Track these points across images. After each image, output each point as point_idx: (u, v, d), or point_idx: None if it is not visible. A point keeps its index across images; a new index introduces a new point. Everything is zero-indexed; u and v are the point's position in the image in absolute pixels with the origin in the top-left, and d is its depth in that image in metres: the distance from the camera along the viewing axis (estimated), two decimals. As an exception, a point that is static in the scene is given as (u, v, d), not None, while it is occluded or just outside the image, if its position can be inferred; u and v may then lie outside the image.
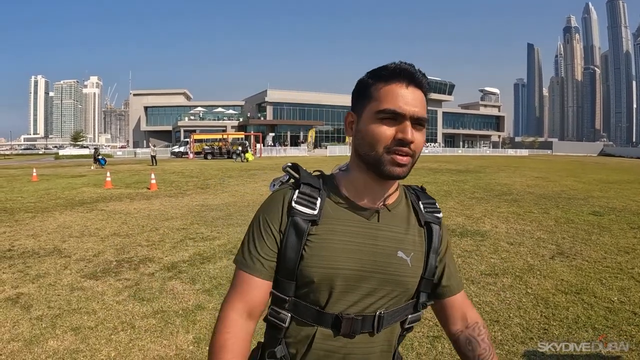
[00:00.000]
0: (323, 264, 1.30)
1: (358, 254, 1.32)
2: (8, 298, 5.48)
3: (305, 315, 1.34)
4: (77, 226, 9.97)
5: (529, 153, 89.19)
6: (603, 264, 6.81)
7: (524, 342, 4.23)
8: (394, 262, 1.34)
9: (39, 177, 22.87)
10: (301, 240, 1.31)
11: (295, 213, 1.34)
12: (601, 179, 22.74)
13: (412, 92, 1.28)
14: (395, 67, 1.30)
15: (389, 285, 1.34)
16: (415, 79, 1.29)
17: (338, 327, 1.31)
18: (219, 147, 52.91)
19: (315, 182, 1.40)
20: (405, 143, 1.26)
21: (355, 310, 1.32)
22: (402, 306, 1.39)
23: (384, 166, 1.28)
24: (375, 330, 1.33)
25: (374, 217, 1.37)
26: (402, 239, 1.38)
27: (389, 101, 1.27)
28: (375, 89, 1.30)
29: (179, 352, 4.12)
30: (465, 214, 11.22)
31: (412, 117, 1.26)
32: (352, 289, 1.32)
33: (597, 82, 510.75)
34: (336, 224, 1.34)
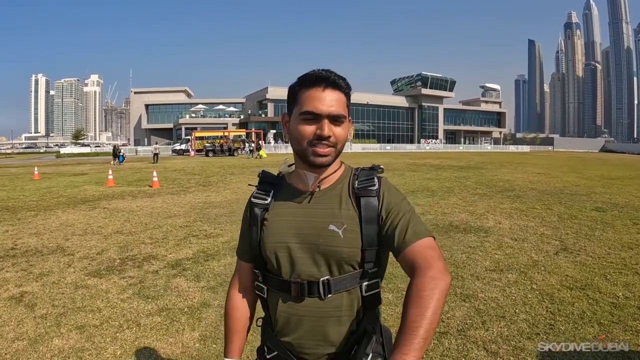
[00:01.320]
0: (271, 240, 1.61)
1: (295, 229, 1.58)
2: (12, 297, 5.47)
3: (272, 284, 1.64)
4: (79, 224, 9.97)
5: (530, 149, 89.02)
6: (607, 259, 6.79)
7: (530, 337, 4.21)
8: (325, 235, 1.55)
9: (40, 176, 22.89)
10: (257, 224, 1.67)
11: (254, 205, 1.70)
12: (603, 175, 22.67)
13: (329, 94, 1.53)
14: (313, 74, 1.56)
15: (324, 255, 1.55)
16: (330, 82, 1.54)
17: (289, 291, 1.58)
18: (220, 144, 52.86)
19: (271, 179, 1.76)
20: (323, 138, 1.52)
21: (303, 277, 1.56)
22: (348, 275, 1.56)
23: (309, 157, 1.55)
24: (322, 294, 1.54)
25: (307, 198, 1.63)
26: (335, 214, 1.58)
27: (308, 104, 1.53)
28: (300, 94, 1.57)
29: (185, 349, 4.11)
30: (469, 210, 11.20)
31: (328, 115, 1.52)
32: (297, 260, 1.57)
33: (598, 78, 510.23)
34: (281, 208, 1.65)
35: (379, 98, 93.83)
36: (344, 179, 1.67)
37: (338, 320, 1.56)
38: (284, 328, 1.61)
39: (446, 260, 6.75)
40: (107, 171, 21.15)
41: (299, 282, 1.56)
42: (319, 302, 1.55)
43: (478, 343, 4.11)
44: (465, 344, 4.10)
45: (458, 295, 5.34)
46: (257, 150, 46.99)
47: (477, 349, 4.00)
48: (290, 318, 1.59)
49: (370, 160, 30.12)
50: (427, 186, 16.91)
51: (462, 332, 4.37)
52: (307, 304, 1.56)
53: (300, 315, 1.57)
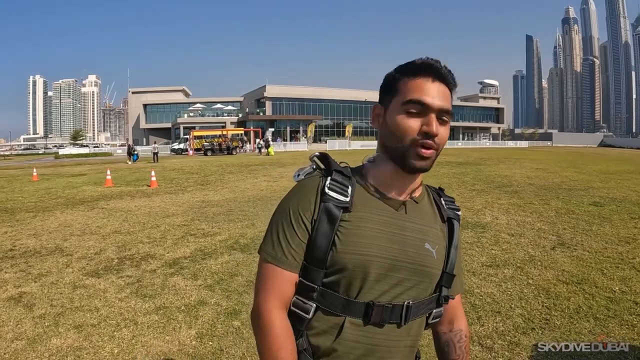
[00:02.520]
0: (357, 251, 1.29)
1: (389, 242, 1.32)
2: (11, 297, 5.49)
3: (333, 304, 1.32)
4: (78, 225, 9.98)
5: (528, 145, 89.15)
6: (604, 254, 6.82)
7: (525, 332, 4.24)
8: (421, 253, 1.36)
9: (39, 177, 22.86)
10: (333, 227, 1.31)
11: (328, 199, 1.33)
12: (601, 169, 22.72)
13: (438, 87, 1.31)
14: (422, 63, 1.33)
15: (417, 275, 1.35)
16: (440, 74, 1.32)
17: (368, 316, 1.30)
18: (218, 143, 52.85)
19: (345, 171, 1.40)
20: (431, 136, 1.28)
21: (385, 299, 1.32)
22: (428, 299, 1.40)
23: (409, 159, 1.30)
24: (403, 321, 1.33)
25: (401, 209, 1.39)
26: (428, 231, 1.40)
27: (415, 93, 1.29)
28: (403, 83, 1.33)
29: (182, 347, 4.13)
30: (466, 206, 11.22)
31: (438, 110, 1.29)
32: (384, 278, 1.31)
33: (597, 73, 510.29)
34: (367, 213, 1.34)
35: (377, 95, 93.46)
36: (425, 193, 1.51)
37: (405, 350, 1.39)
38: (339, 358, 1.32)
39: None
40: (105, 171, 21.13)
41: (384, 306, 1.30)
42: (396, 329, 1.34)
43: (473, 338, 4.14)
44: (460, 339, 4.12)
45: (454, 291, 5.35)
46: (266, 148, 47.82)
47: (472, 344, 4.01)
48: (357, 347, 1.31)
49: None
50: (425, 182, 16.82)
51: (458, 327, 4.38)
52: (385, 332, 1.33)
53: (372, 345, 1.32)
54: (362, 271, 1.29)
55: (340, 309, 1.31)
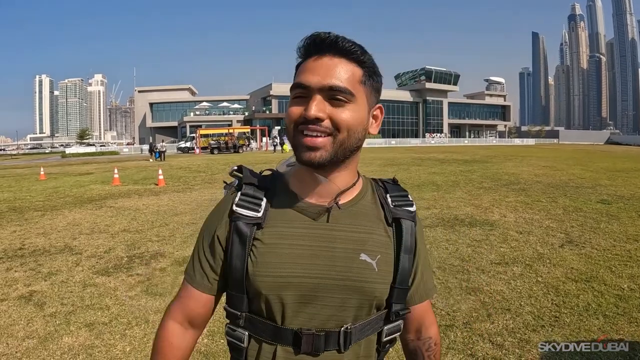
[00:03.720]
0: (270, 272, 1.14)
1: (311, 259, 1.16)
2: (21, 296, 5.53)
3: (262, 332, 1.19)
4: (86, 223, 10.02)
5: (535, 142, 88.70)
6: (612, 251, 6.80)
7: (535, 329, 4.24)
8: (355, 267, 1.17)
9: (46, 176, 22.92)
10: (245, 247, 1.17)
11: (237, 217, 1.19)
12: (608, 167, 22.60)
13: (328, 62, 1.11)
14: (307, 38, 1.14)
15: (352, 293, 1.17)
16: (326, 43, 1.11)
17: (299, 345, 1.15)
18: (225, 141, 52.87)
19: (260, 182, 1.25)
20: (309, 120, 1.08)
21: (316, 324, 1.16)
22: (373, 318, 1.23)
23: (298, 150, 1.12)
24: (342, 347, 1.17)
25: (323, 217, 1.20)
26: (365, 239, 1.20)
27: (298, 76, 1.14)
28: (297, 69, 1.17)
29: (193, 345, 4.14)
30: (474, 204, 11.21)
31: (321, 89, 1.09)
32: (309, 300, 1.16)
33: (603, 70, 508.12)
34: (284, 227, 1.18)
35: (383, 93, 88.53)
36: (366, 193, 1.29)
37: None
38: None
39: (452, 254, 6.80)
40: (112, 170, 21.17)
41: (314, 334, 1.15)
42: (337, 355, 1.18)
43: (484, 336, 4.14)
44: (470, 337, 4.13)
45: (464, 289, 5.36)
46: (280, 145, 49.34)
47: (482, 342, 4.02)
48: None
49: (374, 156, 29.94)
50: (433, 180, 16.92)
51: (467, 325, 4.39)
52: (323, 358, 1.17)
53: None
54: (278, 295, 1.15)
55: (269, 336, 1.18)
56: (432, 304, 4.88)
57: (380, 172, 20.76)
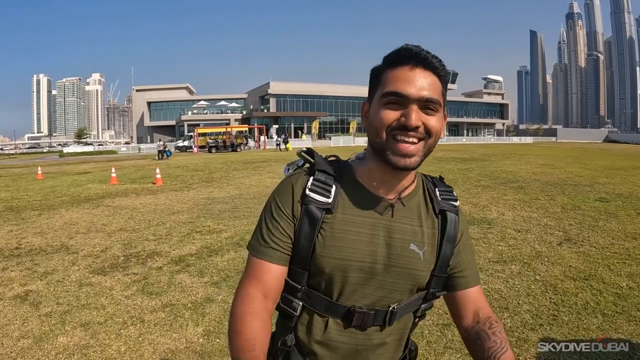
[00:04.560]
0: (336, 255, 1.27)
1: (371, 246, 1.29)
2: (17, 295, 5.50)
3: (317, 305, 1.32)
4: (83, 222, 10.00)
5: (533, 140, 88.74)
6: (611, 250, 6.79)
7: (533, 328, 4.23)
8: (406, 255, 1.31)
9: (44, 175, 22.91)
10: (314, 229, 1.28)
11: (309, 201, 1.30)
12: (606, 165, 22.61)
13: (420, 74, 1.21)
14: (401, 50, 1.23)
15: (401, 278, 1.32)
16: (422, 59, 1.22)
17: (350, 320, 1.30)
18: (223, 140, 52.84)
19: (330, 169, 1.36)
20: (409, 129, 1.19)
21: (367, 302, 1.31)
22: (414, 299, 1.37)
23: (390, 156, 1.22)
24: (387, 323, 1.33)
25: (388, 211, 1.33)
26: (416, 231, 1.34)
27: (393, 84, 1.21)
28: (384, 75, 1.24)
29: (189, 345, 4.13)
30: (472, 202, 11.20)
31: (419, 99, 1.19)
32: (365, 282, 1.30)
33: (601, 68, 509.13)
34: (350, 214, 1.31)
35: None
36: (419, 188, 1.42)
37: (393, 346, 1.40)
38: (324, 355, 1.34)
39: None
40: (110, 169, 21.14)
41: (365, 312, 1.30)
42: (379, 331, 1.34)
43: (481, 334, 4.11)
44: (468, 336, 4.10)
45: (461, 287, 5.33)
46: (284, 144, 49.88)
47: (480, 341, 3.99)
48: (339, 347, 1.33)
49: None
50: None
51: (465, 323, 4.37)
52: (368, 333, 1.33)
53: (355, 345, 1.33)
54: (340, 275, 1.29)
55: (323, 309, 1.32)
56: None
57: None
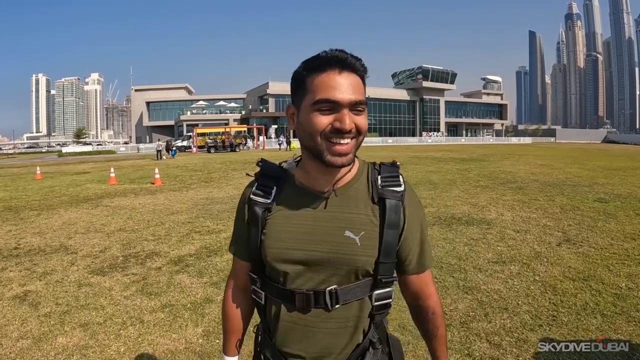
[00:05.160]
0: (276, 246, 1.44)
1: (307, 235, 1.42)
2: (16, 296, 5.50)
3: (272, 291, 1.50)
4: (82, 223, 9.99)
5: (532, 141, 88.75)
6: (610, 250, 6.78)
7: (533, 329, 4.22)
8: (341, 242, 1.40)
9: (42, 175, 22.90)
10: (258, 226, 1.48)
11: (254, 203, 1.51)
12: (605, 165, 22.60)
13: (347, 78, 1.32)
14: (326, 56, 1.34)
15: (337, 263, 1.41)
16: (347, 64, 1.33)
17: (294, 302, 1.45)
18: (222, 140, 52.82)
19: (274, 172, 1.55)
20: (344, 132, 1.30)
21: (309, 286, 1.44)
22: (359, 283, 1.45)
23: (325, 156, 1.33)
24: (330, 305, 1.43)
25: (322, 203, 1.45)
26: (352, 219, 1.43)
27: (323, 91, 1.30)
28: (310, 81, 1.34)
29: (189, 345, 4.13)
30: (471, 203, 11.20)
31: (348, 104, 1.31)
32: (305, 267, 1.43)
33: (600, 69, 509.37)
34: (289, 210, 1.47)
35: (380, 91, 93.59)
36: (361, 176, 1.51)
37: (344, 331, 1.47)
38: (285, 339, 1.49)
39: (448, 252, 6.79)
40: (109, 169, 21.14)
41: (304, 293, 1.43)
42: (325, 313, 1.44)
43: (481, 335, 4.12)
44: (468, 336, 4.11)
45: (461, 288, 5.34)
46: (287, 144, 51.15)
47: (479, 341, 4.00)
48: (294, 329, 1.47)
49: (371, 154, 29.95)
50: (429, 179, 16.91)
51: (464, 324, 4.37)
52: (313, 315, 1.45)
53: (304, 326, 1.46)
54: (282, 263, 1.44)
55: (276, 295, 1.49)
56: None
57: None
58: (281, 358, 1.50)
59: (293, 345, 1.48)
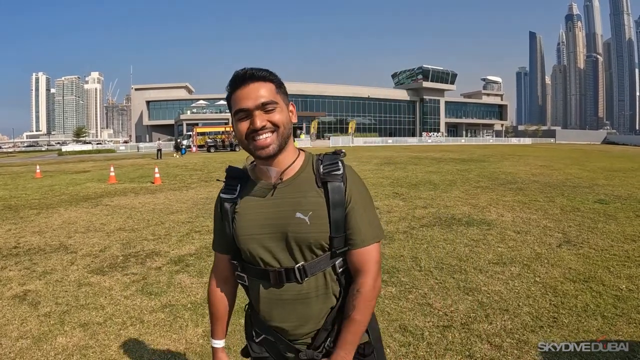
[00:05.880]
0: (243, 232, 1.69)
1: (264, 221, 1.66)
2: (15, 295, 5.49)
3: (251, 273, 1.74)
4: (82, 222, 9.98)
5: (532, 142, 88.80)
6: (610, 252, 6.77)
7: (534, 330, 4.21)
8: (292, 222, 1.62)
9: (42, 174, 22.92)
10: (229, 219, 1.74)
11: (224, 200, 1.77)
12: (605, 167, 22.61)
13: (253, 87, 1.61)
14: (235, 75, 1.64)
15: (294, 242, 1.63)
16: (250, 76, 1.62)
17: (268, 279, 1.68)
18: (222, 139, 52.82)
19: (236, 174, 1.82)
20: (256, 130, 1.59)
21: (278, 265, 1.66)
22: (321, 257, 1.66)
23: (254, 152, 1.65)
24: (300, 279, 1.65)
25: (271, 191, 1.69)
26: (300, 202, 1.65)
27: (236, 104, 1.62)
28: (232, 98, 1.66)
29: (189, 345, 4.12)
30: (471, 203, 11.19)
31: (257, 107, 1.59)
32: (270, 248, 1.66)
33: (600, 70, 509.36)
34: (248, 202, 1.72)
35: (380, 91, 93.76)
36: (306, 167, 1.74)
37: (317, 298, 1.68)
38: (268, 313, 1.72)
39: (449, 253, 6.77)
40: (109, 168, 21.14)
41: (276, 270, 1.65)
42: (298, 285, 1.66)
43: (482, 336, 4.11)
44: (469, 338, 4.10)
45: (461, 289, 5.33)
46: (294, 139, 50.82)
47: (480, 343, 3.99)
48: (273, 303, 1.70)
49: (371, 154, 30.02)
50: (429, 179, 16.92)
51: (465, 325, 4.36)
52: (287, 289, 1.67)
53: (281, 299, 1.68)
54: (251, 246, 1.68)
55: (254, 275, 1.73)
56: (430, 304, 4.87)
57: (377, 171, 20.81)
58: (269, 330, 1.74)
59: (276, 318, 1.71)
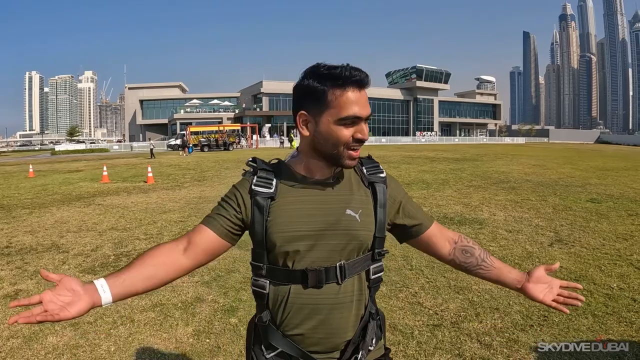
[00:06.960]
0: (283, 229, 1.55)
1: (311, 217, 1.57)
2: (7, 295, 5.46)
3: (279, 277, 1.59)
4: (74, 221, 9.94)
5: (525, 141, 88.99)
6: (601, 250, 6.80)
7: (524, 329, 4.23)
8: (343, 219, 1.58)
9: (35, 173, 22.80)
10: (263, 215, 1.58)
11: (256, 193, 1.60)
12: (598, 166, 22.69)
13: (364, 95, 1.53)
14: (349, 74, 1.49)
15: (342, 239, 1.57)
16: (364, 83, 1.52)
17: (306, 281, 1.56)
18: (215, 139, 52.73)
19: (270, 167, 1.67)
20: (363, 141, 1.55)
21: (319, 264, 1.56)
22: (361, 257, 1.63)
23: (343, 161, 1.56)
24: (340, 279, 1.57)
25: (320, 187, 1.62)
26: (350, 199, 1.62)
27: (348, 109, 1.49)
28: (333, 96, 1.50)
29: (179, 344, 4.12)
30: (463, 202, 11.22)
31: (366, 118, 1.53)
32: (312, 246, 1.56)
33: (594, 69, 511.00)
34: (291, 197, 1.60)
35: (374, 91, 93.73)
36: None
37: (351, 304, 1.61)
38: (292, 320, 1.58)
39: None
40: (102, 168, 21.07)
41: (317, 270, 1.56)
42: (336, 287, 1.58)
43: (472, 335, 4.13)
44: (459, 336, 4.11)
45: (452, 288, 5.34)
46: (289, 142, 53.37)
47: (470, 341, 4.01)
48: (303, 308, 1.57)
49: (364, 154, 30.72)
50: (422, 178, 16.95)
51: (455, 324, 4.38)
52: (324, 292, 1.57)
53: (315, 304, 1.57)
54: (290, 245, 1.55)
55: (284, 279, 1.58)
56: (420, 303, 4.89)
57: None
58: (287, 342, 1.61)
59: (303, 326, 1.58)
